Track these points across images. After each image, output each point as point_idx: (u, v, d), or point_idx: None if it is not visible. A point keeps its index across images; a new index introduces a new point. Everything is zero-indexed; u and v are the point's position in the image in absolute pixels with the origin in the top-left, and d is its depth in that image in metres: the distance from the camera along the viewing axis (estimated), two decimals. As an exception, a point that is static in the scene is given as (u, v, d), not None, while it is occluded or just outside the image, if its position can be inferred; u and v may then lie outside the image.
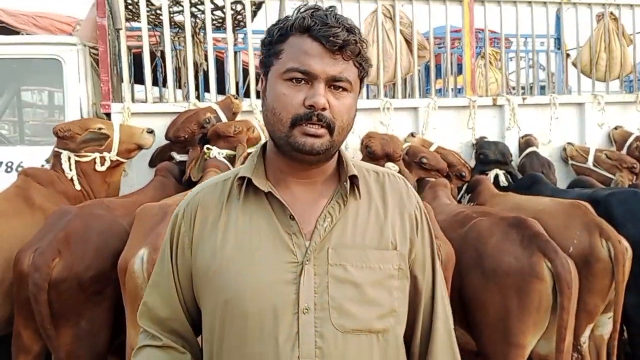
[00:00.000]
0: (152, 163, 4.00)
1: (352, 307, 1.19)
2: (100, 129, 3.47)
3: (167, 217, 2.50)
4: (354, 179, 1.26)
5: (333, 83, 1.17)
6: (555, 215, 3.00)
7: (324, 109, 1.15)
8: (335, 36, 1.14)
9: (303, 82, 1.16)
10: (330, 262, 1.20)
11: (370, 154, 3.89)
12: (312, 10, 1.18)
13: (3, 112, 4.84)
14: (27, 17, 6.27)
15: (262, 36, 1.30)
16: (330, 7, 1.22)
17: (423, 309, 1.34)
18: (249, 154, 3.69)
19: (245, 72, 6.50)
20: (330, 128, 1.17)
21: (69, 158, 3.43)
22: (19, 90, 5.10)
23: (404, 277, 1.28)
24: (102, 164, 3.48)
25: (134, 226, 2.62)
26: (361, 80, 1.24)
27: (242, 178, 1.25)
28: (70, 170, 3.41)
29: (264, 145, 1.33)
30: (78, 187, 3.40)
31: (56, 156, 3.47)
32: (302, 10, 1.20)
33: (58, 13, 6.66)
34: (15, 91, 4.92)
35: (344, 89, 1.19)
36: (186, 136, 3.80)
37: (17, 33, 5.91)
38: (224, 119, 3.95)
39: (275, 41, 1.20)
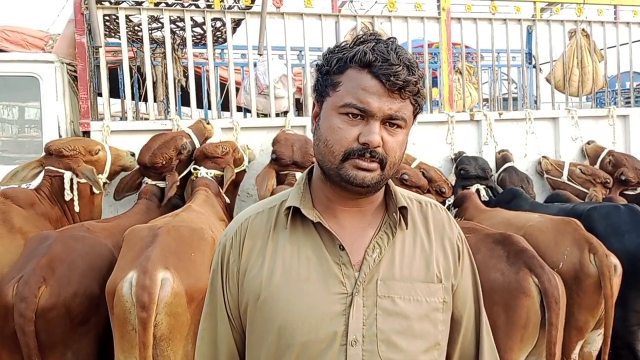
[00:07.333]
0: (118, 195, 3.81)
1: (399, 340, 1.19)
2: (98, 150, 3.40)
3: (156, 239, 2.47)
4: (403, 211, 1.27)
5: (389, 120, 1.18)
6: (545, 231, 3.03)
7: (377, 146, 1.16)
8: (396, 76, 1.14)
9: (359, 117, 1.17)
10: (379, 294, 1.20)
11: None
12: (373, 44, 1.17)
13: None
14: (-2, 31, 6.14)
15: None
16: (390, 38, 1.21)
17: (462, 341, 1.34)
18: (236, 174, 3.71)
19: (222, 87, 6.51)
20: (382, 163, 1.18)
21: (72, 179, 3.32)
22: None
23: (448, 310, 1.29)
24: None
25: (122, 248, 2.58)
26: (414, 115, 1.25)
27: (289, 207, 1.25)
28: (72, 192, 3.29)
29: (310, 172, 1.33)
30: (77, 209, 3.29)
31: (48, 176, 3.35)
32: (361, 39, 1.20)
33: (28, 27, 6.51)
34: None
35: (399, 126, 1.20)
36: (164, 162, 3.61)
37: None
38: (197, 144, 3.86)
39: (333, 71, 1.21)
